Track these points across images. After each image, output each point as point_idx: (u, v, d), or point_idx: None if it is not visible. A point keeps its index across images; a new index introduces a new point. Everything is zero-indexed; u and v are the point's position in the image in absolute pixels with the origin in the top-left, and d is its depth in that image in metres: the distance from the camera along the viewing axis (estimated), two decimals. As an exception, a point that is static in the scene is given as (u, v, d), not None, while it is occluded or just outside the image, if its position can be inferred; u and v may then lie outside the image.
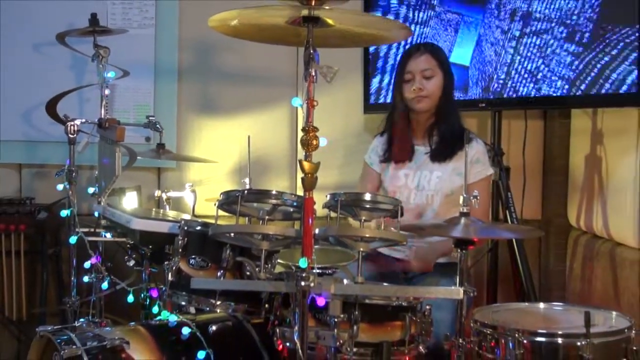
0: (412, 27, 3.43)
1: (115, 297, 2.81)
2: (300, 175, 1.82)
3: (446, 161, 2.78)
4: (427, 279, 2.69)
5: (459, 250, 2.12)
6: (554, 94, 3.06)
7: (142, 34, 3.67)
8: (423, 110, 2.79)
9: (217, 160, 3.54)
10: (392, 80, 2.94)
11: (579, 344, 1.97)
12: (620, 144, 3.01)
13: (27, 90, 3.66)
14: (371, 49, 3.62)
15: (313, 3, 1.79)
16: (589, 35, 2.89)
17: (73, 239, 2.72)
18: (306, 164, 1.81)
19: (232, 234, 2.13)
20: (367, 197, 2.13)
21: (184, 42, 3.73)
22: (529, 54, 3.14)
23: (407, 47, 3.19)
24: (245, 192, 2.14)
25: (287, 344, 2.02)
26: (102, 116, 2.85)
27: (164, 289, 2.38)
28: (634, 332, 2.05)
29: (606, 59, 2.83)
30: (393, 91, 2.91)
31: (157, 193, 3.32)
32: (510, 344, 2.03)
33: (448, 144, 2.77)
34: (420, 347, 2.11)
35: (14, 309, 3.49)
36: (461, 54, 3.38)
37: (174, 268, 2.31)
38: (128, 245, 2.73)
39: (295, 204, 2.13)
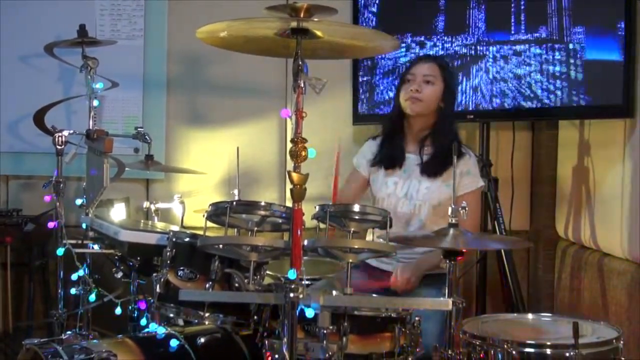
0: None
1: (103, 309, 2.80)
2: (289, 186, 1.82)
3: (437, 176, 2.77)
4: (417, 291, 2.68)
5: (447, 261, 2.11)
6: (542, 106, 3.08)
7: (130, 45, 3.67)
8: (415, 113, 2.78)
9: (205, 171, 3.55)
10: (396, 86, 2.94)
11: (567, 354, 1.97)
12: (607, 155, 3.02)
13: (14, 101, 3.65)
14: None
15: (302, 15, 1.79)
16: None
17: (60, 251, 2.71)
18: (295, 175, 1.80)
19: (221, 246, 2.12)
20: (356, 208, 2.13)
21: (172, 53, 3.73)
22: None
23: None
24: (234, 203, 2.16)
25: (276, 356, 2.01)
26: (91, 127, 2.86)
27: (152, 300, 2.36)
28: (622, 342, 2.05)
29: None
30: (395, 96, 2.90)
31: (146, 204, 3.32)
32: (499, 355, 2.02)
33: (441, 160, 2.76)
34: (410, 359, 2.09)
35: (-1, 322, 3.46)
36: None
37: (162, 280, 2.30)
38: (116, 257, 2.73)
39: (284, 215, 2.14)
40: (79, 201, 2.96)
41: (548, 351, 2.01)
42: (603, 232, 3.05)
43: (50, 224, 2.74)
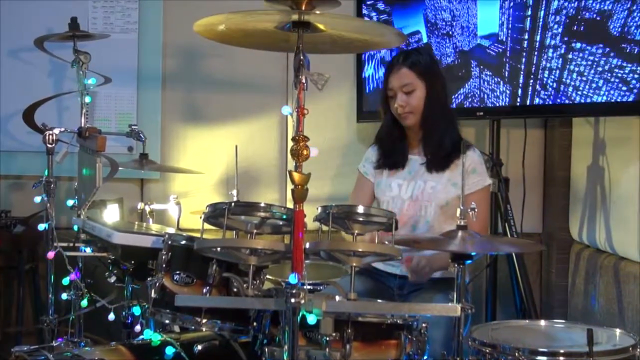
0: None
1: (96, 315, 2.80)
2: (290, 186, 1.81)
3: (442, 171, 2.74)
4: (422, 295, 2.67)
5: (456, 265, 2.09)
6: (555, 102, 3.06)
7: (124, 39, 3.67)
8: (410, 125, 2.79)
9: (203, 171, 3.54)
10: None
11: (581, 363, 1.97)
12: (623, 154, 3.00)
13: (3, 97, 3.63)
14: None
15: (303, 7, 1.77)
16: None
17: (51, 254, 2.70)
18: (296, 175, 1.79)
19: (219, 249, 2.10)
20: (360, 209, 2.12)
21: (168, 47, 3.73)
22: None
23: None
24: (233, 204, 2.14)
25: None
26: (82, 125, 2.85)
27: (146, 306, 2.35)
28: (638, 350, 2.03)
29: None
30: (382, 102, 2.89)
31: (140, 205, 3.32)
32: (510, 363, 2.02)
33: (442, 154, 2.74)
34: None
35: (-12, 328, 3.51)
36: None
37: (157, 284, 2.27)
38: (109, 261, 2.71)
39: (284, 217, 2.12)
40: (70, 202, 2.95)
41: (561, 359, 1.99)
42: (619, 235, 3.03)
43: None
